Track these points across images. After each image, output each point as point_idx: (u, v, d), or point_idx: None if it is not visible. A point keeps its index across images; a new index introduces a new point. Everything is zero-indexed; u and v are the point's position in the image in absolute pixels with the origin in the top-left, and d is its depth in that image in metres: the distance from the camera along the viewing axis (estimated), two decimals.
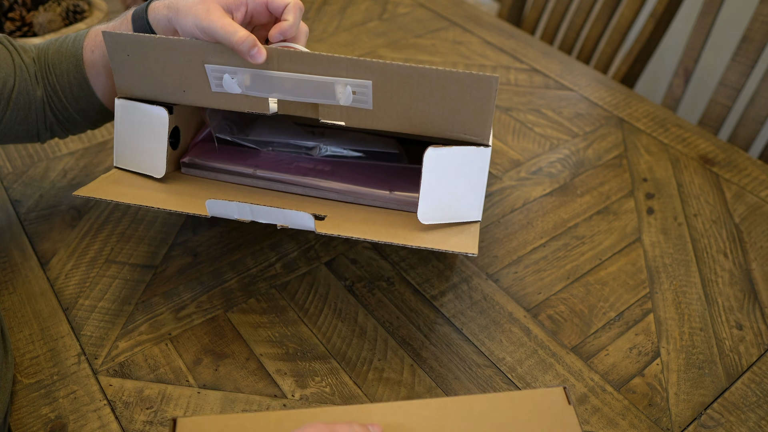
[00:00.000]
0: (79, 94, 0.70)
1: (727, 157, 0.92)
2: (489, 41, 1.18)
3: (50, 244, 0.76)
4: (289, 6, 0.62)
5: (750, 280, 0.75)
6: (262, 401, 0.61)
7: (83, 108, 0.71)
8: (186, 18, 0.60)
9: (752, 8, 1.05)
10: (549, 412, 0.53)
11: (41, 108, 0.70)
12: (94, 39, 0.69)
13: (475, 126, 0.60)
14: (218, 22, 0.58)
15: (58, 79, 0.69)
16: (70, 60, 0.69)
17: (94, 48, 0.69)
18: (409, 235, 0.59)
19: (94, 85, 0.70)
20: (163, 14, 0.64)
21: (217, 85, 0.62)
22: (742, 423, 0.61)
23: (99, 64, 0.69)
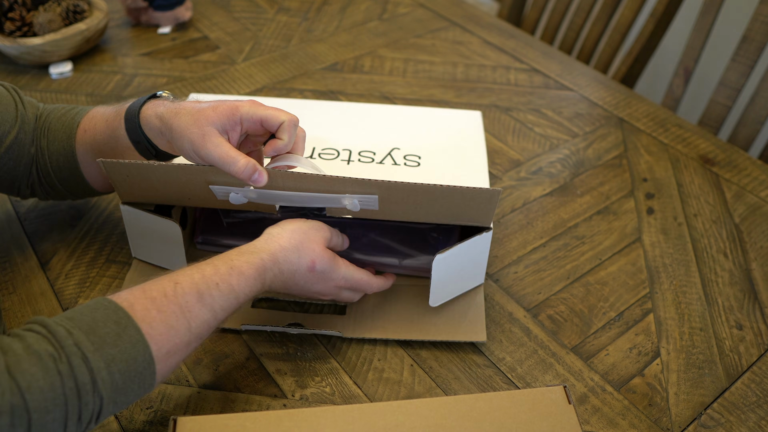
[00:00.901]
0: (64, 164, 0.68)
1: (727, 157, 0.92)
2: (489, 41, 1.18)
3: (50, 244, 0.76)
4: (284, 125, 0.61)
5: (750, 280, 0.75)
6: (262, 401, 0.61)
7: (66, 178, 0.69)
8: (181, 140, 0.59)
9: (752, 8, 1.05)
10: (549, 411, 0.53)
11: (29, 165, 0.69)
12: (91, 119, 0.68)
13: (478, 218, 0.64)
14: (215, 151, 0.58)
15: (49, 144, 0.68)
16: (64, 130, 0.68)
17: (87, 129, 0.67)
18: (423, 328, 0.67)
19: (81, 163, 0.68)
20: (156, 126, 0.62)
21: (223, 197, 0.64)
22: (742, 423, 0.61)
23: (88, 146, 0.67)
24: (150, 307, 0.50)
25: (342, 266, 0.61)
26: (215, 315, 0.53)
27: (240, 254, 0.56)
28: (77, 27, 1.03)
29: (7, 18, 1.01)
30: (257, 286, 0.56)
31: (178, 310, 0.51)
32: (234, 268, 0.54)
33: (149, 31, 1.16)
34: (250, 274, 0.55)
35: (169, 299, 0.51)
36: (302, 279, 0.59)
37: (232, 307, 0.54)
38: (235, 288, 0.54)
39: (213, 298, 0.53)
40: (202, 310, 0.52)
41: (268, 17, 1.22)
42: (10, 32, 1.01)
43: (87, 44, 1.06)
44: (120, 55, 1.10)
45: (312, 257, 0.59)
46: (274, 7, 1.26)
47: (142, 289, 0.51)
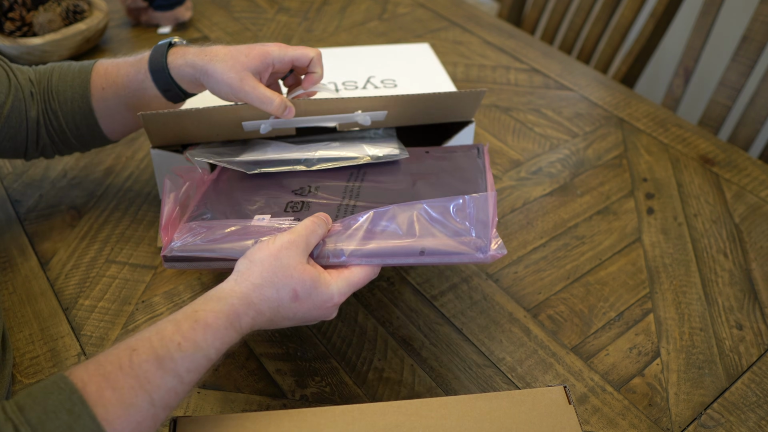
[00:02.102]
0: (81, 122, 0.72)
1: (727, 157, 0.92)
2: (489, 41, 1.18)
3: (50, 244, 0.76)
4: (314, 60, 0.68)
5: (750, 280, 0.75)
6: (262, 401, 0.61)
7: (83, 134, 0.73)
8: (219, 85, 0.65)
9: (752, 8, 1.05)
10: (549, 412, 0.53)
11: (34, 128, 0.71)
12: (104, 76, 0.71)
13: (465, 114, 0.76)
14: (253, 92, 0.64)
15: (61, 105, 0.70)
16: (76, 90, 0.70)
17: (105, 86, 0.70)
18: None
19: (100, 118, 0.72)
20: (188, 73, 0.67)
21: (251, 129, 0.70)
22: (742, 423, 0.61)
23: (110, 101, 0.71)
24: (104, 386, 0.44)
25: (331, 282, 0.53)
26: (181, 379, 0.47)
27: (206, 302, 0.50)
28: (77, 27, 1.03)
29: (7, 18, 1.01)
30: (230, 335, 0.49)
31: (135, 383, 0.45)
32: (198, 322, 0.48)
33: (149, 31, 1.16)
34: (218, 325, 0.49)
35: (124, 372, 0.45)
36: (290, 312, 0.52)
37: (202, 366, 0.48)
38: (202, 345, 0.48)
39: (175, 361, 0.47)
40: (164, 377, 0.46)
41: (268, 17, 1.22)
42: (10, 32, 1.01)
43: (87, 44, 1.06)
44: (120, 55, 1.10)
45: (292, 286, 0.51)
46: (274, 7, 1.26)
47: (97, 363, 0.46)
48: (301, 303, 0.52)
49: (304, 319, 0.54)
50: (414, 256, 0.53)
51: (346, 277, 0.54)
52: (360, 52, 1.00)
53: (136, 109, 0.71)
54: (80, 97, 0.70)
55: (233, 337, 0.50)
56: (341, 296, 0.53)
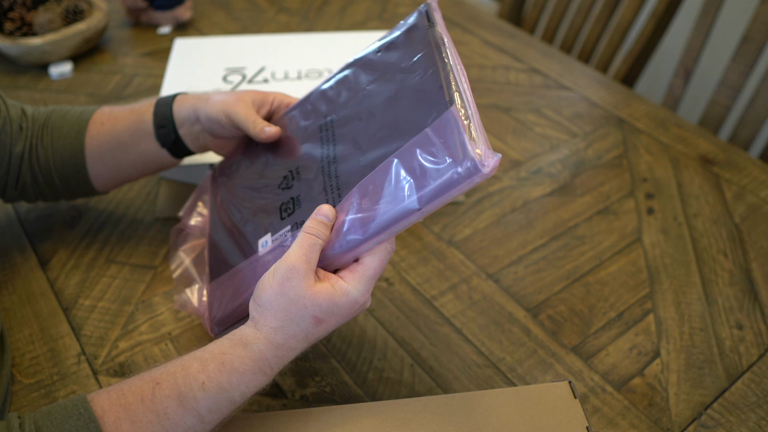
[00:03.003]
0: (69, 160, 0.68)
1: (727, 157, 0.92)
2: (489, 41, 1.18)
3: (50, 244, 0.76)
4: None
5: (750, 280, 0.75)
6: (262, 401, 0.61)
7: (68, 174, 0.69)
8: (215, 105, 0.64)
9: (752, 8, 1.05)
10: (555, 407, 0.53)
11: (16, 164, 0.68)
12: (107, 114, 0.69)
13: None
14: (242, 112, 0.63)
15: (54, 141, 0.68)
16: (72, 126, 0.69)
17: (104, 121, 0.68)
18: None
19: (89, 157, 0.68)
20: (188, 106, 0.65)
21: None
22: (742, 423, 0.61)
23: (104, 136, 0.68)
24: (122, 418, 0.45)
25: (348, 287, 0.49)
26: (201, 419, 0.46)
27: (233, 347, 0.48)
28: (77, 27, 1.03)
29: (8, 18, 1.01)
30: (258, 380, 0.48)
31: (154, 419, 0.45)
32: (225, 365, 0.47)
33: (149, 31, 1.16)
34: (245, 370, 0.48)
35: (145, 405, 0.45)
36: (321, 332, 0.50)
37: (224, 407, 0.47)
38: (226, 386, 0.47)
39: (197, 401, 0.46)
40: (184, 415, 0.46)
41: (268, 17, 1.22)
42: (10, 32, 1.01)
43: (87, 44, 1.06)
44: (120, 55, 1.10)
45: (310, 314, 0.49)
46: (274, 7, 1.26)
47: (120, 392, 0.46)
48: (327, 322, 0.49)
49: (339, 326, 0.52)
50: (414, 214, 0.49)
51: (360, 274, 0.50)
52: (341, 39, 1.01)
53: (126, 156, 0.68)
54: (75, 133, 0.68)
55: (261, 381, 0.49)
56: (364, 295, 0.50)
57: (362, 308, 0.51)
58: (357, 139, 0.57)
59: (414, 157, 0.50)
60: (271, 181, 0.62)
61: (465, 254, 0.76)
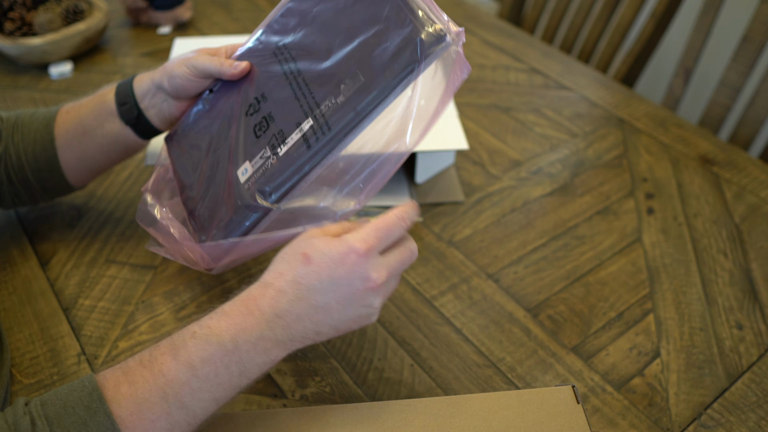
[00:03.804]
0: (41, 153, 0.68)
1: (727, 157, 0.92)
2: (489, 41, 1.18)
3: (50, 244, 0.76)
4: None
5: (750, 280, 0.75)
6: (262, 401, 0.61)
7: (41, 169, 0.69)
8: (176, 63, 0.64)
9: (752, 8, 1.05)
10: (557, 411, 0.53)
11: None
12: (72, 104, 0.70)
13: None
14: (205, 58, 0.63)
15: (24, 137, 0.68)
16: (41, 120, 0.69)
17: (69, 110, 0.69)
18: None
19: (59, 147, 0.68)
20: (149, 76, 0.66)
21: None
22: (742, 423, 0.61)
23: (70, 124, 0.68)
24: (122, 381, 0.45)
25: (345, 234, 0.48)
26: (196, 373, 0.45)
27: (229, 299, 0.49)
28: (77, 27, 1.03)
29: (7, 18, 1.01)
30: (248, 321, 0.46)
31: (150, 376, 0.45)
32: (216, 311, 0.47)
33: (149, 31, 1.16)
34: (234, 311, 0.47)
35: (143, 365, 0.45)
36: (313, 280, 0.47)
37: (218, 357, 0.45)
38: (216, 330, 0.45)
39: (188, 350, 0.45)
40: (178, 369, 0.45)
41: None
42: (10, 32, 1.01)
43: (87, 44, 1.06)
44: (120, 55, 1.10)
45: (300, 249, 0.48)
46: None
47: (125, 362, 0.47)
48: (317, 265, 0.46)
49: (343, 298, 0.47)
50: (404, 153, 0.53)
51: (361, 226, 0.48)
52: None
53: (92, 140, 0.68)
54: (44, 126, 0.68)
55: (253, 325, 0.46)
56: (363, 242, 0.47)
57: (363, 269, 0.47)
58: (315, 49, 0.58)
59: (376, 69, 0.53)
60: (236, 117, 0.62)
61: (465, 254, 0.76)
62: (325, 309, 0.47)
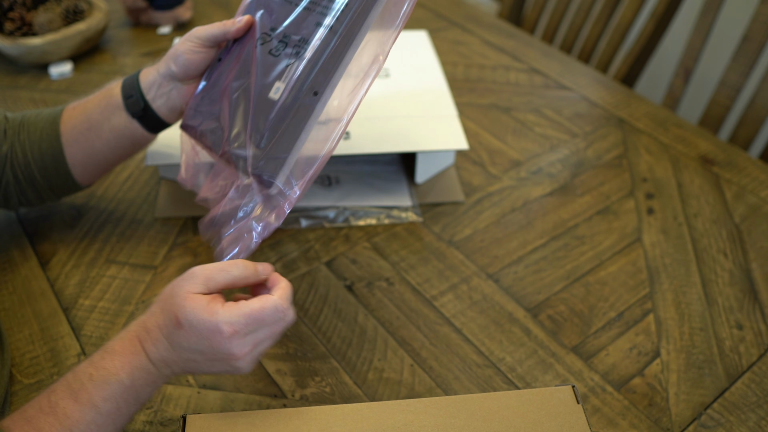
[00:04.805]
0: (47, 150, 0.68)
1: (727, 157, 0.92)
2: (489, 41, 1.18)
3: (50, 244, 0.76)
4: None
5: (750, 280, 0.75)
6: (262, 401, 0.61)
7: (47, 167, 0.68)
8: (182, 45, 0.64)
9: (752, 8, 1.05)
10: (557, 411, 0.53)
11: (1, 165, 0.68)
12: (78, 102, 0.69)
13: None
14: (206, 28, 0.64)
15: (30, 135, 0.68)
16: (46, 119, 0.69)
17: (75, 106, 0.69)
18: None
19: (65, 143, 0.68)
20: (155, 68, 0.66)
21: None
22: (742, 423, 0.61)
23: (77, 119, 0.68)
24: (27, 429, 0.46)
25: (218, 310, 0.48)
26: (99, 410, 0.47)
27: (115, 335, 0.51)
28: (77, 27, 1.03)
29: (7, 18, 1.01)
30: (139, 360, 0.49)
31: (55, 421, 0.46)
32: (107, 351, 0.49)
33: (149, 31, 1.16)
34: (124, 350, 0.49)
35: (44, 412, 0.46)
36: (183, 341, 0.49)
37: (117, 394, 0.48)
38: (111, 370, 0.48)
39: (88, 392, 0.47)
40: (82, 410, 0.47)
41: None
42: (10, 32, 1.01)
43: (87, 44, 1.06)
44: (120, 55, 1.10)
45: (174, 312, 0.48)
46: None
47: (22, 411, 0.48)
48: (186, 332, 0.48)
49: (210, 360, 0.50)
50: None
51: (236, 306, 0.49)
52: None
53: (99, 135, 0.67)
54: (50, 123, 0.68)
55: (143, 362, 0.49)
56: (229, 326, 0.48)
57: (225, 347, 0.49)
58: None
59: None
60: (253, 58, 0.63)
61: (465, 254, 0.76)
62: (195, 363, 0.50)
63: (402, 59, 0.95)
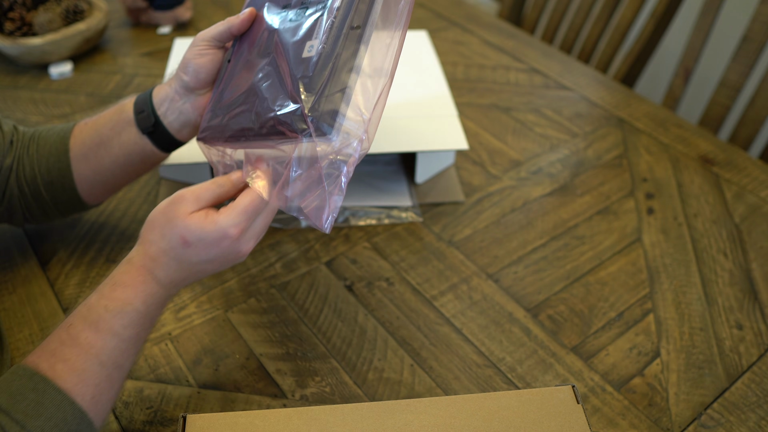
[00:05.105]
0: (54, 164, 0.67)
1: (727, 157, 0.92)
2: (489, 41, 1.18)
3: (50, 244, 0.76)
4: None
5: (750, 280, 0.75)
6: (262, 401, 0.61)
7: (53, 181, 0.67)
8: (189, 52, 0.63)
9: (752, 8, 1.05)
10: (557, 411, 0.53)
11: (5, 177, 0.67)
12: (90, 118, 0.68)
13: None
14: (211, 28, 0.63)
15: (39, 148, 0.67)
16: (58, 133, 0.68)
17: (87, 122, 0.68)
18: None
19: (73, 159, 0.67)
20: (168, 83, 0.64)
21: None
22: (742, 423, 0.61)
23: (86, 135, 0.67)
24: (54, 361, 0.49)
25: (218, 217, 0.52)
26: (120, 336, 0.51)
27: (118, 268, 0.54)
28: (77, 27, 1.03)
29: (7, 18, 1.01)
30: (150, 287, 0.53)
31: (81, 351, 0.49)
32: (117, 284, 0.52)
33: (149, 31, 1.17)
34: (134, 281, 0.52)
35: (68, 345, 0.50)
36: (193, 257, 0.53)
37: (135, 320, 0.52)
38: (126, 300, 0.51)
39: (107, 322, 0.50)
40: (104, 339, 0.50)
41: None
42: (10, 32, 1.01)
43: (87, 44, 1.06)
44: (120, 55, 1.10)
45: (178, 234, 0.52)
46: None
47: (42, 347, 0.50)
48: (195, 248, 0.53)
49: (219, 264, 0.55)
50: None
51: (232, 208, 0.53)
52: None
53: (108, 151, 0.66)
54: (60, 139, 0.67)
55: (154, 288, 0.53)
56: (235, 227, 0.52)
57: (232, 248, 0.53)
58: None
59: None
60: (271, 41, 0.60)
61: (465, 254, 0.76)
62: (204, 272, 0.55)
63: (402, 59, 0.95)
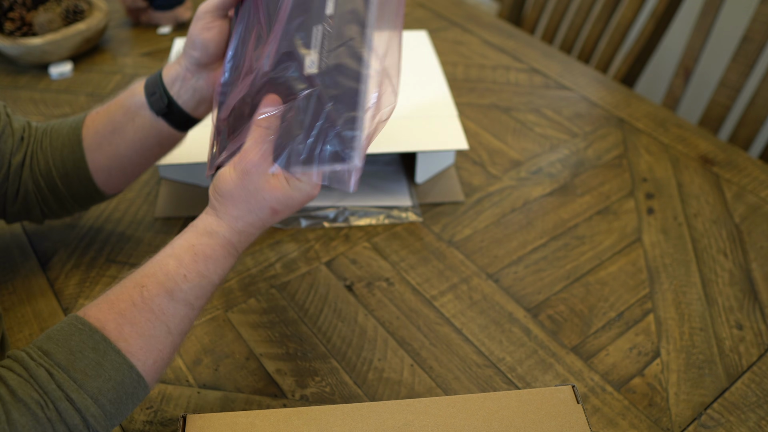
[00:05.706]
0: (69, 155, 0.66)
1: (727, 157, 0.92)
2: (489, 41, 1.18)
3: (50, 244, 0.76)
4: None
5: (750, 280, 0.75)
6: (262, 401, 0.61)
7: (68, 173, 0.67)
8: (193, 27, 0.61)
9: (752, 8, 1.05)
10: (557, 411, 0.53)
11: (17, 173, 0.66)
12: (102, 107, 0.67)
13: None
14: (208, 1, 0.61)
15: (52, 141, 0.66)
16: (69, 125, 0.67)
17: (99, 110, 0.67)
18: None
19: (87, 148, 0.66)
20: (177, 62, 0.63)
21: None
22: (742, 423, 0.61)
23: (100, 123, 0.66)
24: (122, 323, 0.49)
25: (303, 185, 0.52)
26: (192, 306, 0.52)
27: (199, 236, 0.53)
28: (77, 27, 1.03)
29: (7, 18, 1.01)
30: (230, 262, 0.54)
31: (152, 316, 0.50)
32: (198, 255, 0.52)
33: (149, 31, 1.17)
34: (217, 255, 0.53)
35: (139, 308, 0.50)
36: (273, 220, 0.55)
37: (208, 292, 0.53)
38: (205, 274, 0.52)
39: (184, 292, 0.51)
40: (177, 307, 0.51)
41: None
42: (10, 32, 1.01)
43: (87, 44, 1.06)
44: (120, 55, 1.10)
45: (268, 205, 0.53)
46: None
47: (110, 303, 0.50)
48: (283, 212, 0.54)
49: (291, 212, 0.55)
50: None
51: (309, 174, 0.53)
52: None
53: (123, 137, 0.65)
54: (73, 129, 0.66)
55: (231, 262, 0.54)
56: (316, 187, 0.53)
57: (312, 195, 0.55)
58: None
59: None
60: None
61: (465, 254, 0.76)
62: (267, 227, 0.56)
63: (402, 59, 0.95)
